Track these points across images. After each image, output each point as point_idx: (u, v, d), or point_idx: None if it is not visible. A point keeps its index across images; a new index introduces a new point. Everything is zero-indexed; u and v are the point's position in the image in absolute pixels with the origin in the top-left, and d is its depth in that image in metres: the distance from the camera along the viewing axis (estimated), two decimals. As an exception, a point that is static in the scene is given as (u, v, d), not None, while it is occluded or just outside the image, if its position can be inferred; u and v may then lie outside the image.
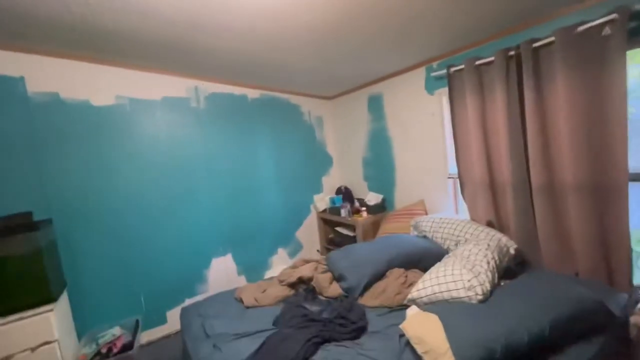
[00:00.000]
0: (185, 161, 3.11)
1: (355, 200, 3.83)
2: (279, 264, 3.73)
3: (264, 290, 2.26)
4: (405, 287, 1.99)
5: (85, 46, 2.40)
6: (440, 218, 2.56)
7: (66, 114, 2.56)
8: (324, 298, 2.15)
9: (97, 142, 2.68)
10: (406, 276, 2.08)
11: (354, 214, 3.56)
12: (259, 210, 3.60)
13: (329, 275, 2.26)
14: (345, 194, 3.95)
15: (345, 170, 4.24)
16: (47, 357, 2.09)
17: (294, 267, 2.49)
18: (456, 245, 2.25)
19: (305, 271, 2.29)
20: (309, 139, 4.08)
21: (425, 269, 2.08)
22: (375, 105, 3.60)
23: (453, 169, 2.85)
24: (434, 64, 2.86)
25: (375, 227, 3.43)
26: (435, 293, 1.75)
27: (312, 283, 2.23)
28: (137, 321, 2.72)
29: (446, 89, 2.67)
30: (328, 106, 4.25)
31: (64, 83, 2.56)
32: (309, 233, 4.06)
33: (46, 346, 2.09)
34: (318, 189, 4.16)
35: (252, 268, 3.54)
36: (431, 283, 1.80)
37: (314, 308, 1.99)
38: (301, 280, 2.27)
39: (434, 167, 3.02)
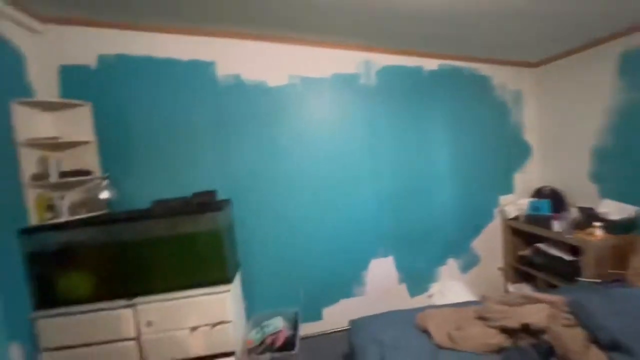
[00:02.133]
0: (350, 147, 2.75)
1: (571, 209, 2.64)
2: (448, 277, 3.00)
3: (459, 328, 1.61)
4: None
5: (270, 22, 2.29)
6: None
7: (245, 96, 2.56)
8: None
9: (269, 124, 2.61)
10: None
11: (578, 230, 2.42)
12: (429, 211, 2.93)
13: (579, 333, 1.40)
14: (553, 198, 2.81)
15: (553, 165, 3.03)
16: (222, 336, 2.10)
17: (504, 302, 1.73)
18: None
19: (534, 317, 1.51)
20: (498, 121, 3.09)
21: None
22: (635, 65, 2.29)
23: None
24: None
25: (617, 254, 2.23)
26: None
27: (548, 338, 1.43)
28: (296, 314, 2.58)
29: None
30: (531, 76, 3.11)
31: (245, 65, 2.56)
32: (490, 245, 3.13)
33: (222, 325, 2.10)
34: (507, 188, 3.14)
35: (415, 277, 2.95)
36: None
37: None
38: (525, 329, 1.50)
39: None
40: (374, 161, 2.80)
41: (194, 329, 2.08)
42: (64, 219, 2.12)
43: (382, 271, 2.88)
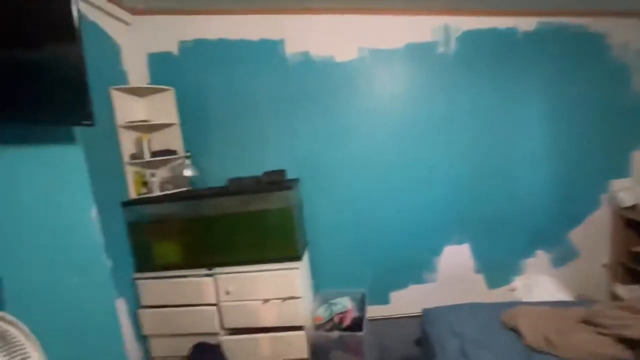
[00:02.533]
0: (425, 124, 2.53)
1: None
2: (535, 271, 2.65)
3: (560, 331, 1.38)
4: None
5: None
6: None
7: (313, 72, 2.50)
8: None
9: (337, 102, 2.52)
10: None
11: None
12: (514, 195, 2.58)
13: None
14: (690, 184, 2.23)
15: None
16: (292, 310, 2.17)
17: (623, 307, 1.43)
18: None
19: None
20: (613, 88, 2.53)
21: None
22: None
23: None
24: None
25: None
26: None
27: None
28: (363, 295, 2.55)
29: None
30: (666, 29, 2.46)
31: (313, 41, 2.48)
32: (593, 237, 2.66)
33: (291, 300, 2.17)
34: (621, 170, 2.60)
35: (495, 268, 2.67)
36: None
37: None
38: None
39: None
40: (452, 140, 2.53)
41: (266, 301, 2.18)
42: (155, 194, 2.37)
43: (456, 259, 2.67)
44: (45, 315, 1.02)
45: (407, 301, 2.70)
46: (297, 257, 2.21)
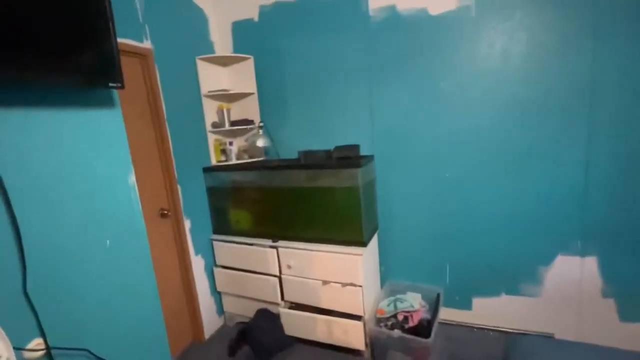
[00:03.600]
0: (550, 94, 1.89)
1: None
2: None
3: None
4: None
5: None
6: None
7: (401, 30, 2.11)
8: None
9: (429, 64, 2.09)
10: None
11: None
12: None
13: None
14: None
15: None
16: (352, 297, 2.02)
17: None
18: None
19: None
20: None
21: None
22: None
23: None
24: None
25: None
26: None
27: None
28: (437, 296, 2.20)
29: None
30: None
31: (403, -9, 2.07)
32: None
33: (352, 287, 2.01)
34: None
35: (634, 294, 1.94)
36: None
37: None
38: None
39: None
40: (589, 118, 1.83)
41: (325, 282, 2.08)
42: (232, 162, 2.46)
43: (573, 273, 2.03)
44: (78, 278, 1.06)
45: (494, 312, 2.23)
46: (361, 243, 2.01)
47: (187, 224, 2.26)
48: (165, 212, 2.10)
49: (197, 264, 2.35)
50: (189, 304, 2.29)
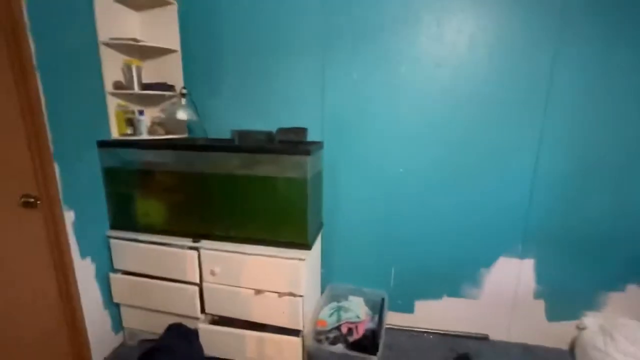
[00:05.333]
0: (509, 88, 1.78)
1: None
2: (619, 311, 1.97)
3: None
4: None
5: None
6: None
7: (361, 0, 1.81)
8: None
9: (388, 44, 1.83)
10: None
11: None
12: (628, 209, 1.83)
13: None
14: None
15: None
16: (290, 309, 1.69)
17: None
18: None
19: None
20: None
21: None
22: None
23: None
24: None
25: None
26: None
27: None
28: (382, 301, 2.02)
29: None
30: None
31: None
32: None
33: (290, 297, 1.68)
34: None
35: (563, 296, 2.01)
36: None
37: None
38: None
39: None
40: (543, 118, 1.79)
41: (258, 292, 1.71)
42: (142, 137, 1.89)
43: (511, 275, 2.03)
44: None
45: (436, 315, 2.15)
46: (305, 245, 1.69)
47: (69, 217, 1.65)
48: (32, 199, 1.47)
49: (84, 269, 1.76)
50: (68, 322, 1.70)
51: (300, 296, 1.67)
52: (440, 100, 1.85)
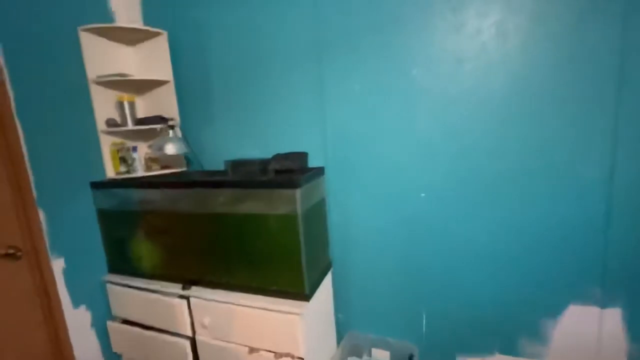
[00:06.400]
0: (558, 80, 1.35)
1: None
2: None
3: None
4: None
5: None
6: None
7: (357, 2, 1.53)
8: None
9: (395, 47, 1.52)
10: None
11: None
12: None
13: None
14: None
15: None
16: (291, 370, 1.39)
17: None
18: None
19: None
20: None
21: None
22: None
23: None
24: None
25: None
26: None
27: None
28: (411, 355, 1.62)
29: None
30: None
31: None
32: None
33: (289, 359, 1.39)
34: None
35: (673, 360, 1.43)
36: None
37: None
38: None
39: None
40: (614, 114, 1.31)
41: (252, 350, 1.45)
42: (137, 174, 1.79)
43: (589, 328, 1.50)
44: None
45: (486, 377, 1.68)
46: (302, 296, 1.40)
47: (59, 264, 1.57)
48: (12, 252, 1.41)
49: (78, 318, 1.66)
50: (61, 378, 1.60)
51: (300, 359, 1.37)
52: (466, 103, 1.46)
